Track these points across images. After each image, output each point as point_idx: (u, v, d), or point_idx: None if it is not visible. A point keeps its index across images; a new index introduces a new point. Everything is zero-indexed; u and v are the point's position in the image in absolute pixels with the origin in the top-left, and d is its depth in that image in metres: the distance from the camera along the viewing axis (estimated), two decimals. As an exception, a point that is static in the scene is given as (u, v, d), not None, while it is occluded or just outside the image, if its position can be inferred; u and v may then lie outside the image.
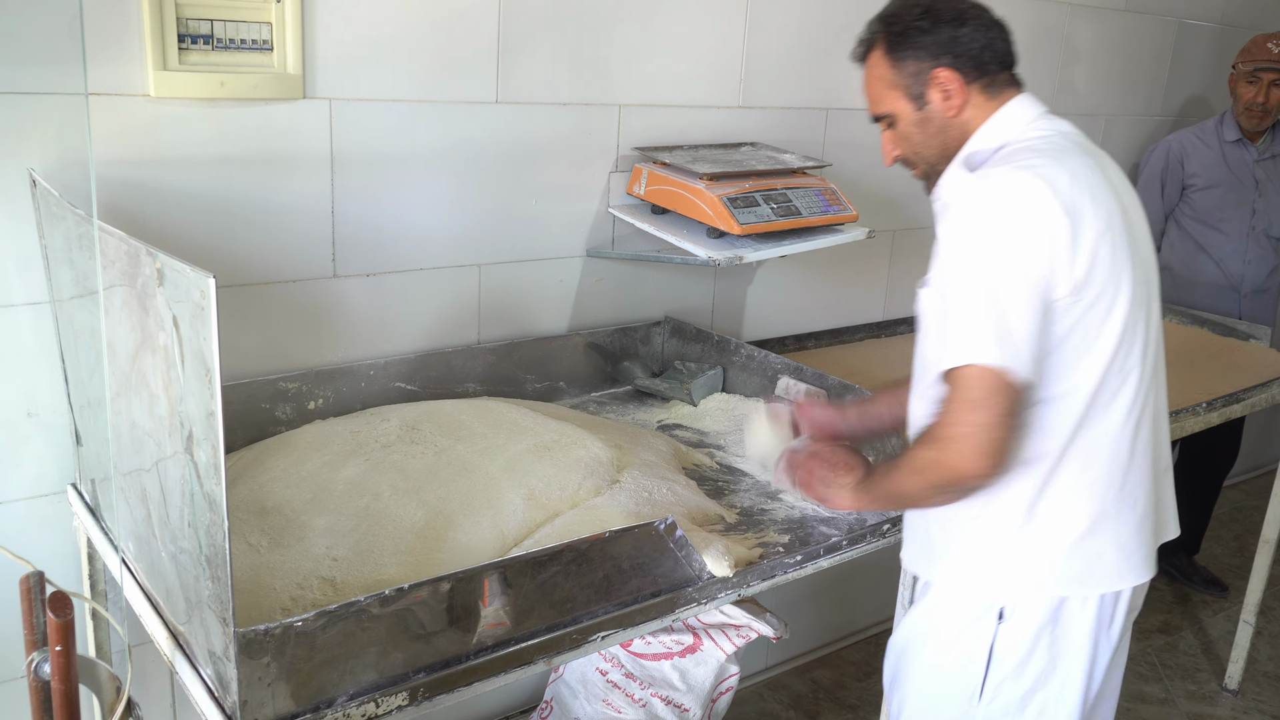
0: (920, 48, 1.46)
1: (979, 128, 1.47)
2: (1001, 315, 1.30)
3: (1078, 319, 1.36)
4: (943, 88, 1.46)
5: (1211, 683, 2.98)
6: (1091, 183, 1.38)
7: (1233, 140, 3.24)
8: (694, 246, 2.02)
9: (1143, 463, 1.46)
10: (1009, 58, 1.49)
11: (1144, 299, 1.43)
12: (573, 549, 1.32)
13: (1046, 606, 1.43)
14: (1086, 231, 1.34)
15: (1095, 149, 1.49)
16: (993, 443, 1.29)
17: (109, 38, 1.56)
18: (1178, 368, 2.52)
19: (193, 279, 1.01)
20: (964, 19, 1.46)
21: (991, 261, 1.31)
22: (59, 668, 1.10)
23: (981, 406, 1.29)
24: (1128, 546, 1.45)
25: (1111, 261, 1.36)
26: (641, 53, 2.15)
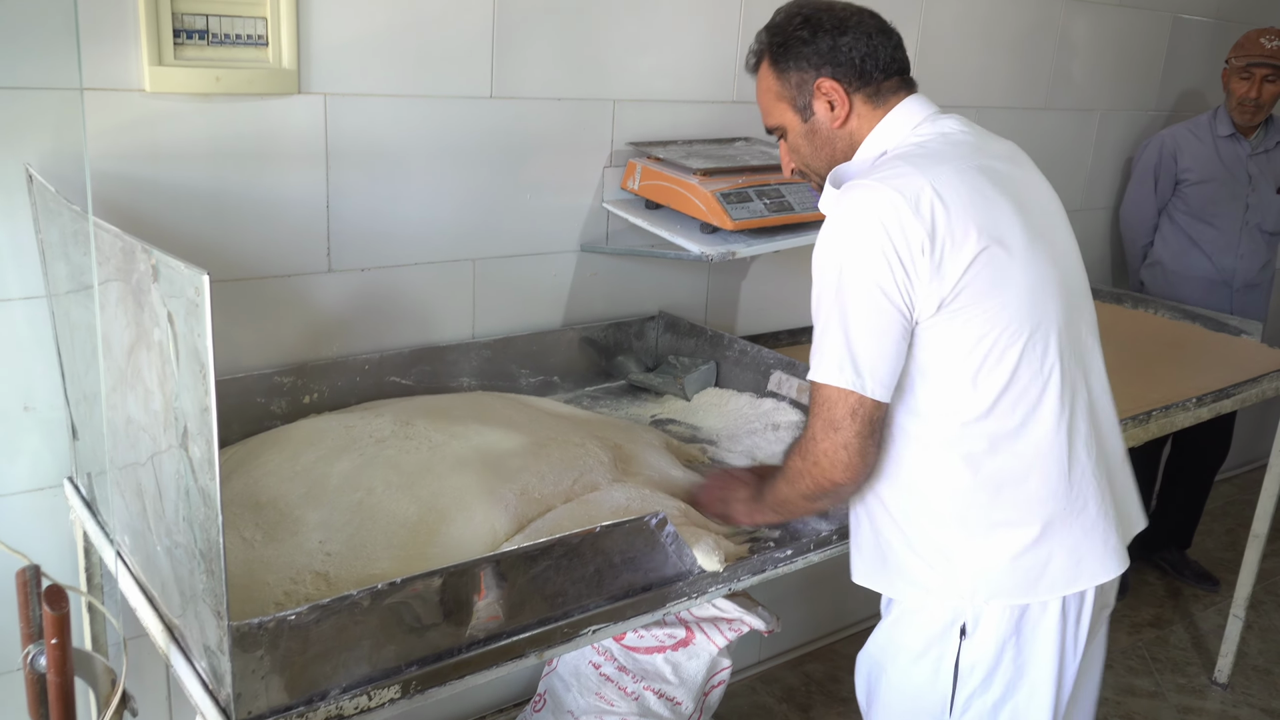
0: (802, 58, 1.45)
1: (866, 137, 1.46)
2: (850, 339, 1.31)
3: (959, 333, 1.33)
4: (826, 98, 1.45)
5: (1201, 676, 3.01)
6: (967, 188, 1.34)
7: (1226, 135, 3.25)
8: (687, 242, 2.03)
9: (1087, 463, 1.42)
10: (894, 64, 1.46)
11: (1056, 295, 1.39)
12: (564, 543, 1.33)
13: (1008, 617, 1.41)
14: (954, 243, 1.30)
15: (986, 145, 1.45)
16: (851, 459, 1.35)
17: (104, 32, 1.56)
18: (1169, 363, 2.55)
19: (187, 276, 1.02)
20: (844, 28, 1.44)
21: (841, 283, 1.32)
22: (55, 661, 1.11)
23: (838, 426, 1.34)
24: (1080, 548, 1.41)
25: (995, 268, 1.32)
26: (635, 48, 2.16)
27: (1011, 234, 1.35)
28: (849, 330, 1.31)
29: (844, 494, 1.42)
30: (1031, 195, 1.44)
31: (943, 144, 1.41)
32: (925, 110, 1.46)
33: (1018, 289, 1.34)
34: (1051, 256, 1.40)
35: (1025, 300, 1.35)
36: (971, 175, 1.36)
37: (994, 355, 1.34)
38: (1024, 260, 1.36)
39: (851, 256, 1.31)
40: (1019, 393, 1.36)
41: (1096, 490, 1.43)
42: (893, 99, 1.46)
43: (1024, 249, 1.36)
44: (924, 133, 1.43)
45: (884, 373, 1.33)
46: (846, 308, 1.32)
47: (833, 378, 1.32)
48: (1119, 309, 3.05)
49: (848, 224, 1.32)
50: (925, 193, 1.31)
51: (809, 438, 1.37)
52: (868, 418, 1.33)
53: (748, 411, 2.08)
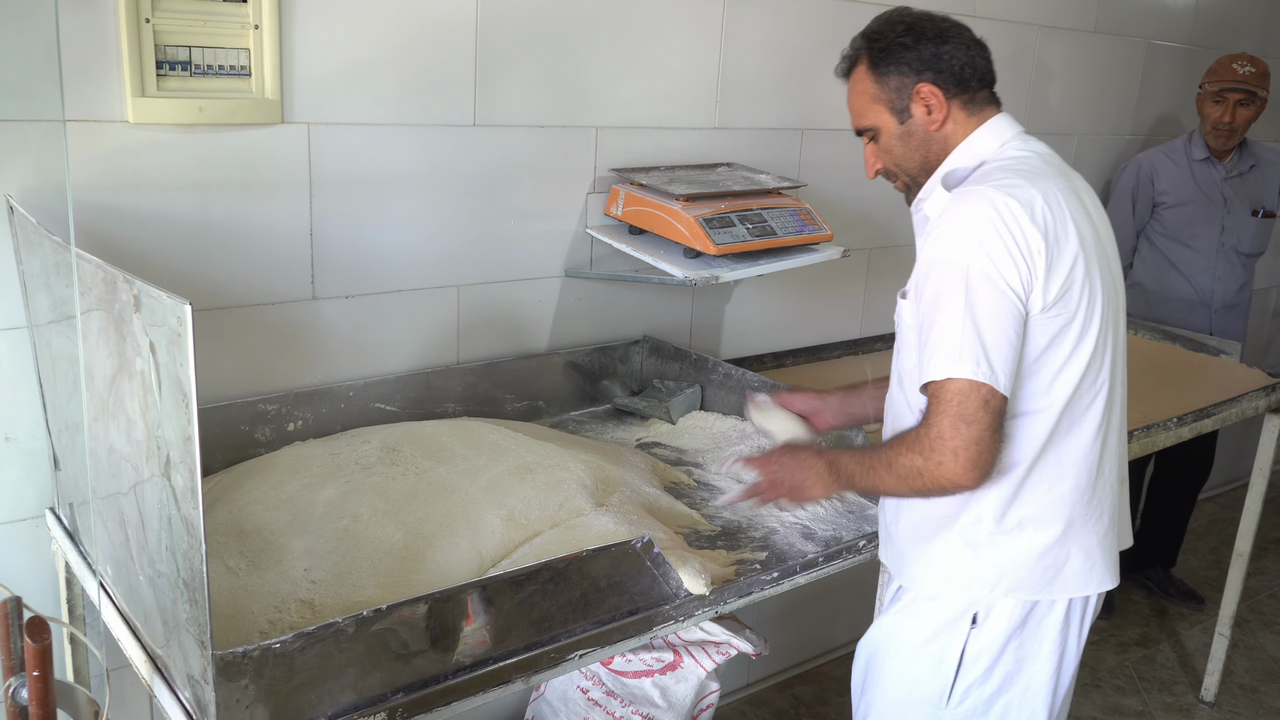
0: (903, 63, 1.51)
1: (960, 143, 1.52)
2: (980, 333, 1.34)
3: (1053, 337, 1.41)
4: (925, 102, 1.51)
5: (1188, 695, 3.01)
6: (1065, 205, 1.42)
7: (1201, 159, 3.30)
8: (671, 266, 2.04)
9: (1110, 475, 1.51)
10: (988, 76, 1.54)
11: (1112, 318, 1.48)
12: (550, 568, 1.33)
13: (1018, 611, 1.48)
14: (1060, 252, 1.38)
15: (1069, 171, 1.53)
16: (981, 455, 1.35)
17: (87, 64, 1.57)
18: (1150, 383, 2.57)
19: (169, 305, 1.02)
20: (946, 37, 1.51)
21: (970, 280, 1.35)
22: (37, 693, 1.10)
23: (971, 421, 1.34)
24: (1094, 555, 1.50)
25: (1085, 282, 1.41)
26: (618, 75, 2.18)
27: (1093, 252, 1.44)
28: (980, 325, 1.34)
29: (958, 494, 1.42)
30: (1101, 226, 1.52)
31: (1039, 163, 1.49)
32: (1015, 128, 1.54)
33: (1096, 305, 1.43)
34: (1114, 283, 1.50)
35: (1101, 312, 1.44)
36: (1068, 195, 1.45)
37: (1073, 361, 1.43)
38: (1100, 281, 1.45)
39: (979, 255, 1.36)
40: (1079, 398, 1.44)
41: (1112, 502, 1.52)
42: (986, 110, 1.54)
43: (1101, 272, 1.45)
44: (1019, 149, 1.51)
45: (1011, 367, 1.37)
46: (976, 304, 1.35)
47: (969, 371, 1.33)
48: (1099, 330, 3.07)
49: (971, 226, 1.37)
50: (1038, 202, 1.39)
51: (935, 435, 1.36)
52: (998, 411, 1.35)
53: (733, 434, 2.08)
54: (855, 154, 2.67)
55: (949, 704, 1.51)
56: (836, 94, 2.58)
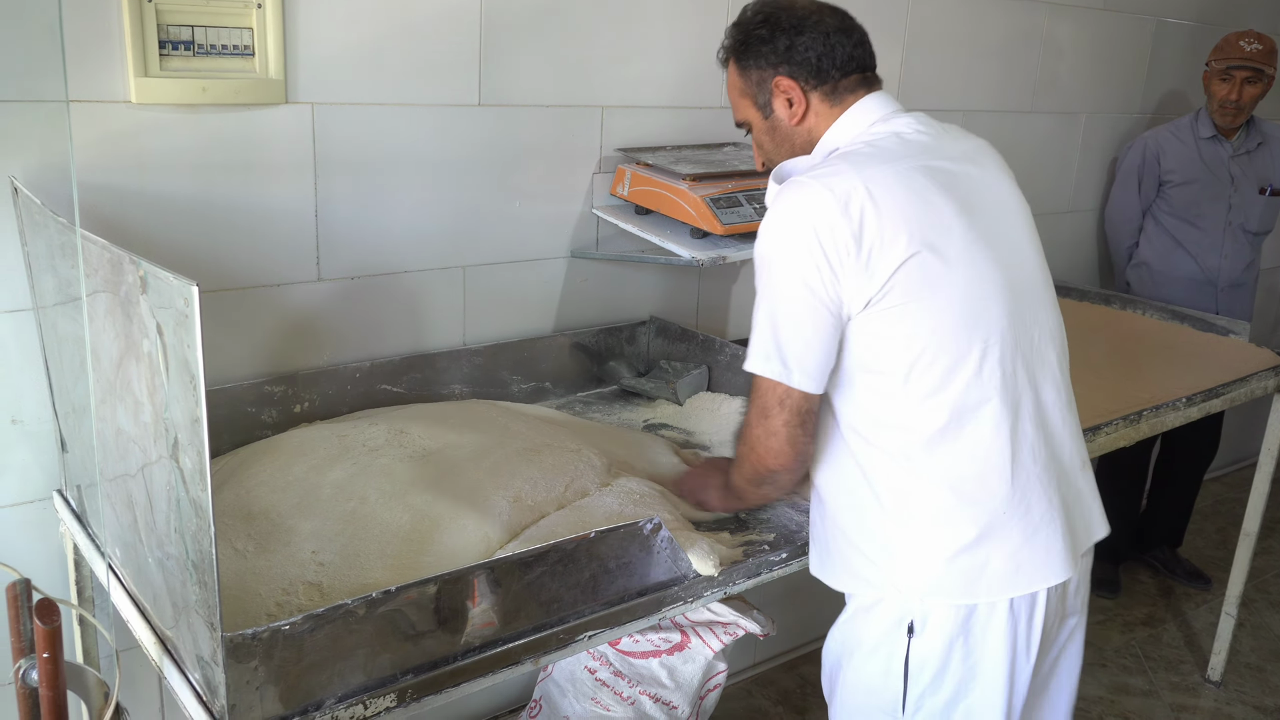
0: (761, 56, 1.47)
1: (824, 134, 1.47)
2: (777, 330, 1.35)
3: (896, 333, 1.34)
4: (784, 95, 1.47)
5: (1194, 674, 3.02)
6: (904, 190, 1.34)
7: (1208, 137, 3.27)
8: (678, 247, 2.03)
9: (1032, 469, 1.41)
10: (853, 62, 1.46)
11: (998, 299, 1.38)
12: (559, 549, 1.33)
13: (954, 617, 1.41)
14: (881, 245, 1.31)
15: (941, 145, 1.44)
16: (780, 446, 1.39)
17: (89, 45, 1.56)
18: (1158, 363, 2.56)
19: (176, 286, 1.02)
20: (802, 27, 1.45)
21: (771, 277, 1.36)
22: (47, 675, 1.10)
23: (768, 415, 1.39)
24: (1019, 554, 1.40)
25: (925, 271, 1.32)
26: (623, 54, 2.16)
27: (949, 237, 1.35)
28: (776, 323, 1.35)
29: (781, 481, 1.45)
30: (985, 196, 1.43)
31: (894, 143, 1.41)
32: (883, 109, 1.46)
33: (952, 292, 1.35)
34: (996, 260, 1.39)
35: (961, 304, 1.35)
36: (912, 176, 1.36)
37: (926, 356, 1.35)
38: (963, 264, 1.36)
39: (780, 252, 1.35)
40: (955, 394, 1.36)
41: (1042, 495, 1.42)
42: (850, 97, 1.47)
43: (962, 252, 1.36)
44: (877, 131, 1.44)
45: (810, 364, 1.35)
46: (775, 301, 1.36)
47: (761, 368, 1.37)
48: (1107, 310, 3.06)
49: (779, 220, 1.35)
50: (857, 192, 1.32)
51: (745, 424, 1.44)
52: (795, 408, 1.37)
53: (740, 415, 2.08)
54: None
55: (904, 712, 1.46)
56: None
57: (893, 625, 1.44)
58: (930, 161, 1.40)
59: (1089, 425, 2.06)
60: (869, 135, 1.43)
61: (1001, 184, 1.48)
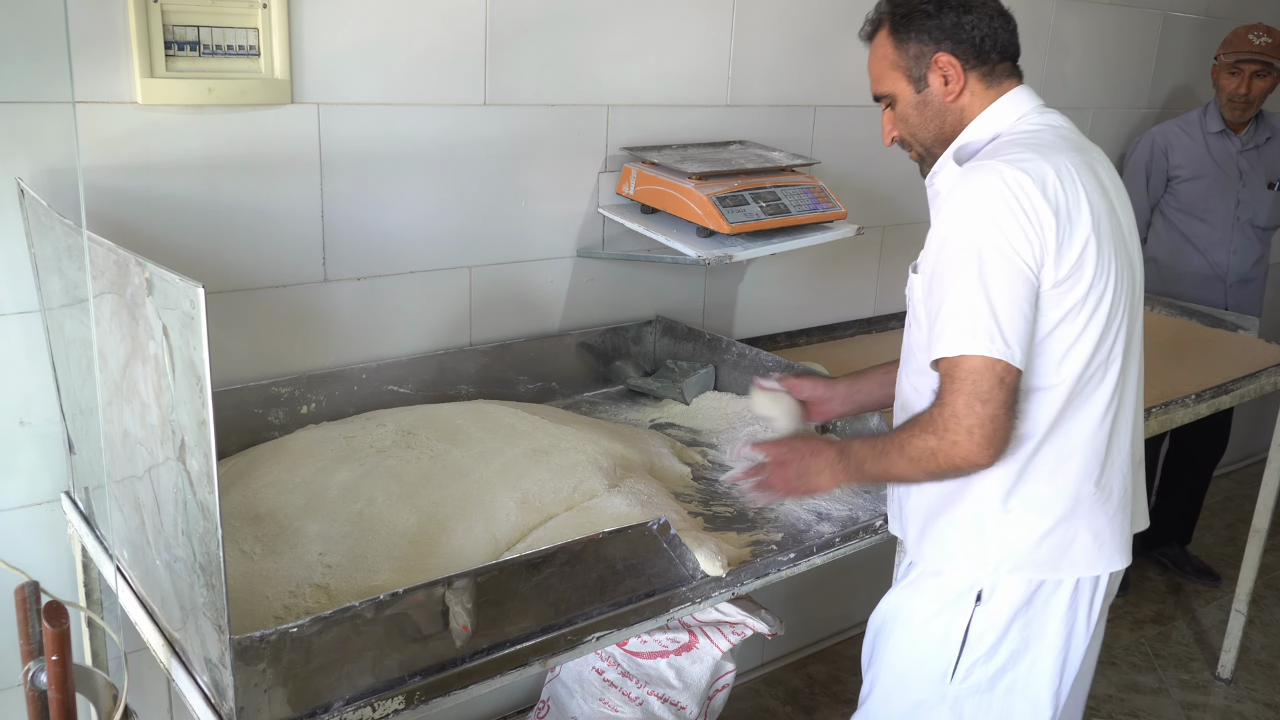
0: (924, 31, 1.48)
1: (976, 116, 1.49)
2: (995, 308, 1.32)
3: (1064, 314, 1.38)
4: (943, 72, 1.49)
5: (1205, 672, 3.00)
6: (1079, 179, 1.40)
7: (1216, 131, 3.26)
8: (684, 246, 2.03)
9: (1120, 455, 1.49)
10: (1011, 49, 1.51)
11: (1127, 295, 1.45)
12: (566, 550, 1.33)
13: (1023, 589, 1.46)
14: (1071, 227, 1.36)
15: (1086, 144, 1.51)
16: (997, 432, 1.33)
17: (95, 45, 1.56)
18: (1167, 359, 2.54)
19: (182, 288, 1.01)
20: (969, 6, 1.48)
21: (982, 255, 1.33)
22: (55, 677, 1.10)
23: (987, 398, 1.32)
24: (1103, 535, 1.48)
25: (1097, 258, 1.38)
26: (629, 53, 2.15)
27: (1107, 228, 1.41)
28: (994, 300, 1.32)
29: (973, 474, 1.40)
30: (1118, 201, 1.49)
31: (1054, 136, 1.46)
32: (1033, 101, 1.51)
33: (1109, 282, 1.40)
34: (1128, 258, 1.47)
35: (1113, 291, 1.41)
36: (1082, 170, 1.42)
37: (1083, 339, 1.40)
38: (1115, 255, 1.42)
39: (990, 230, 1.33)
40: (1088, 377, 1.42)
41: (1122, 483, 1.50)
42: (1005, 83, 1.51)
43: (1115, 248, 1.42)
44: (1035, 122, 1.48)
45: (1026, 341, 1.35)
46: (989, 279, 1.32)
47: (983, 347, 1.31)
48: (1115, 306, 3.05)
49: (982, 200, 1.35)
50: (1050, 176, 1.36)
51: (950, 414, 1.33)
52: (1013, 387, 1.34)
53: (747, 415, 2.07)
54: (868, 131, 2.65)
55: (953, 679, 1.50)
56: (849, 70, 2.57)
57: (960, 593, 1.49)
58: (1088, 159, 1.45)
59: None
60: (1027, 125, 1.48)
61: (1124, 193, 1.53)
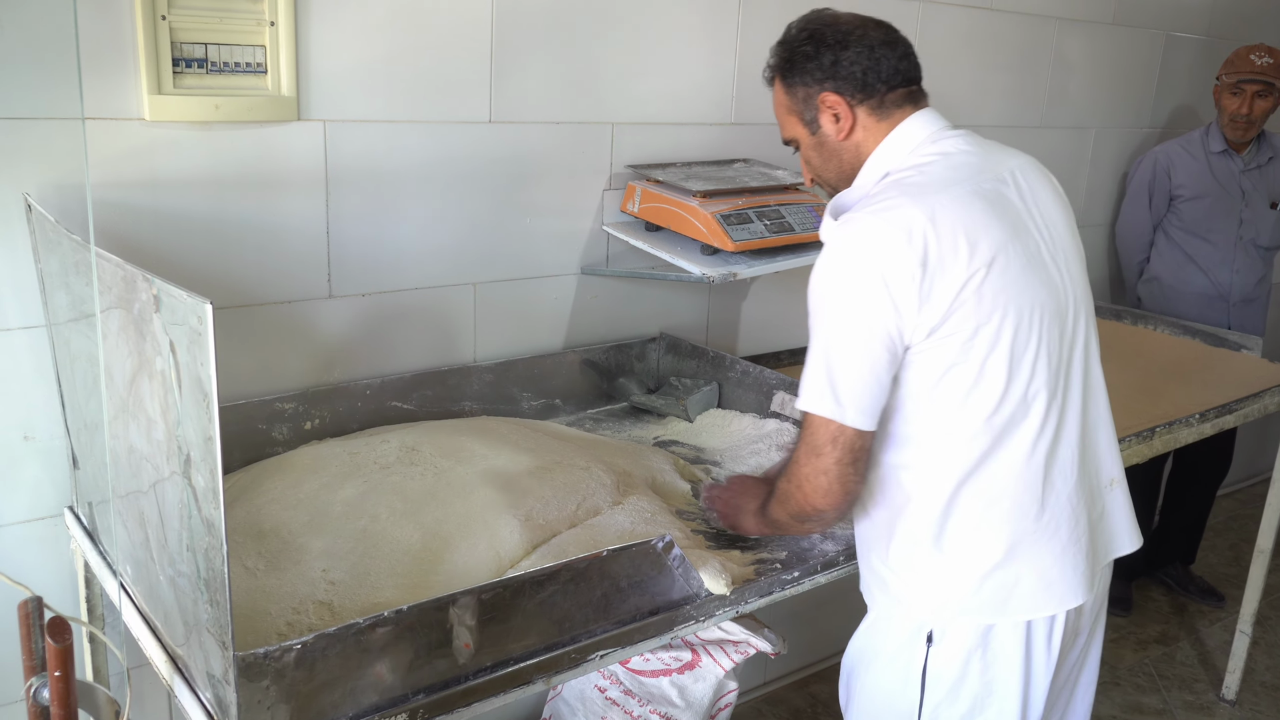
0: (806, 73, 1.47)
1: (873, 151, 1.46)
2: (831, 369, 1.33)
3: (953, 360, 1.34)
4: (831, 111, 1.46)
5: (1209, 693, 2.99)
6: (961, 215, 1.34)
7: (1218, 151, 3.27)
8: (688, 263, 2.03)
9: (1064, 487, 1.42)
10: (898, 76, 1.46)
11: (1045, 321, 1.38)
12: (570, 568, 1.32)
13: (974, 631, 1.41)
14: (942, 274, 1.31)
15: (990, 165, 1.43)
16: (830, 485, 1.36)
17: (104, 62, 1.57)
18: (1170, 378, 2.55)
19: (189, 304, 1.02)
20: (847, 42, 1.44)
21: (831, 317, 1.34)
22: (58, 694, 1.10)
23: (819, 453, 1.36)
24: (1049, 574, 1.41)
25: (977, 298, 1.32)
26: (633, 71, 2.16)
27: (1002, 259, 1.35)
28: (831, 361, 1.33)
29: (827, 519, 1.42)
30: (1035, 217, 1.43)
31: (943, 167, 1.40)
32: (930, 127, 1.45)
33: (1006, 314, 1.34)
34: (1047, 280, 1.40)
35: (1014, 325, 1.35)
36: (967, 200, 1.36)
37: (985, 379, 1.35)
38: (1016, 286, 1.35)
39: (840, 290, 1.33)
40: (1003, 416, 1.36)
41: (1071, 517, 1.42)
42: (898, 113, 1.46)
43: (1017, 274, 1.36)
44: (925, 153, 1.43)
45: (866, 403, 1.34)
46: (831, 339, 1.34)
47: (814, 405, 1.34)
48: (1118, 325, 3.05)
49: (840, 258, 1.34)
50: (918, 223, 1.31)
51: (794, 461, 1.40)
52: (848, 445, 1.35)
53: (751, 432, 2.07)
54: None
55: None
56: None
57: (912, 634, 1.45)
58: (981, 185, 1.39)
59: (1102, 442, 2.05)
60: (917, 158, 1.43)
61: (1048, 202, 1.48)
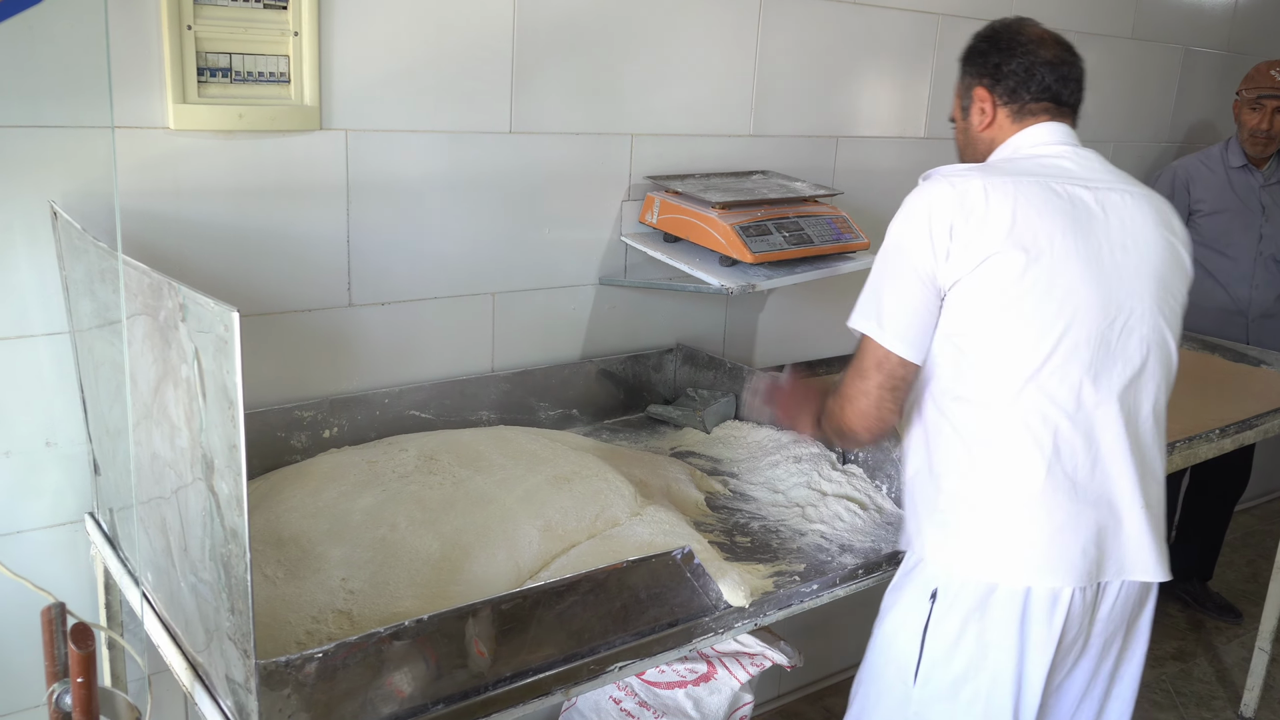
0: (974, 66, 1.65)
1: (1000, 146, 1.61)
2: (882, 296, 1.48)
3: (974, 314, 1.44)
4: (980, 104, 1.63)
5: (1227, 710, 2.96)
6: (1017, 197, 1.44)
7: (1238, 166, 3.25)
8: (707, 275, 2.03)
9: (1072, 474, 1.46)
10: (1049, 92, 1.58)
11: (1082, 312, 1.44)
12: (590, 579, 1.32)
13: (975, 593, 1.48)
14: (981, 235, 1.42)
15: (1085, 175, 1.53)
16: (868, 409, 1.49)
17: (130, 71, 1.58)
18: (1189, 394, 2.53)
19: (216, 313, 1.02)
20: (1016, 50, 1.59)
21: (889, 252, 1.50)
22: (80, 699, 1.10)
23: (864, 375, 1.50)
24: (1043, 547, 1.46)
25: (1009, 270, 1.42)
26: (653, 82, 2.17)
27: (1043, 245, 1.44)
28: (881, 290, 1.49)
29: (861, 440, 1.56)
30: (1113, 227, 1.50)
31: (1034, 163, 1.54)
32: (1052, 137, 1.58)
33: (1036, 294, 1.43)
34: (1096, 281, 1.46)
35: (1043, 308, 1.43)
36: (1030, 188, 1.47)
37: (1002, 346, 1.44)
38: (1049, 271, 1.43)
39: (896, 232, 1.50)
40: (1021, 387, 1.44)
41: (1069, 503, 1.47)
42: (1031, 120, 1.60)
43: (1054, 261, 1.44)
44: (1030, 153, 1.56)
45: (904, 328, 1.46)
46: (883, 271, 1.50)
47: (860, 324, 1.50)
48: (1136, 339, 3.03)
49: (906, 205, 1.50)
50: (974, 190, 1.45)
51: (843, 380, 1.54)
52: (890, 371, 1.48)
53: (768, 444, 2.07)
54: (890, 161, 2.66)
55: (916, 682, 1.53)
56: (871, 101, 2.58)
57: (921, 589, 1.53)
58: (1059, 184, 1.49)
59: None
60: (1022, 154, 1.57)
61: (1145, 226, 1.54)
